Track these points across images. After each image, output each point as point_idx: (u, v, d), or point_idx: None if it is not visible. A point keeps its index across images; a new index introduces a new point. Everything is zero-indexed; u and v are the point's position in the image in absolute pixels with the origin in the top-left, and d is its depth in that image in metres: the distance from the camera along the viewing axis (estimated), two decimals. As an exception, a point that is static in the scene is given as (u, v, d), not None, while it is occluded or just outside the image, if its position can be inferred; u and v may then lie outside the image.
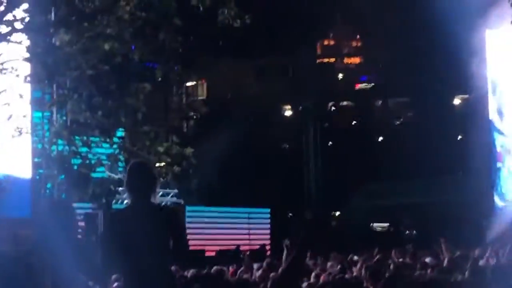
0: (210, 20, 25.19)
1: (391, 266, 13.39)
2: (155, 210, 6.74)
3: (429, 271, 12.17)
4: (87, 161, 23.50)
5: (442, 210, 31.24)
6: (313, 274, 12.04)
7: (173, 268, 6.88)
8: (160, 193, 23.70)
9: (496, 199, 28.51)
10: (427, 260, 15.36)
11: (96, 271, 7.00)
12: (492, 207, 28.23)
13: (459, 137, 34.33)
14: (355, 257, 16.51)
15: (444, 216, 31.24)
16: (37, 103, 22.24)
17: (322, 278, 11.50)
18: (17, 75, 20.32)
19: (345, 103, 43.79)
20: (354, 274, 12.43)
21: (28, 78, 20.73)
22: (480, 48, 28.22)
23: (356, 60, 46.62)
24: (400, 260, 15.66)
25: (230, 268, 14.93)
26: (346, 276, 11.83)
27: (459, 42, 26.09)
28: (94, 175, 23.54)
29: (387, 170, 34.96)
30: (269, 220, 29.14)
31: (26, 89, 21.30)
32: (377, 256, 15.12)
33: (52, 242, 6.69)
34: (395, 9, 32.41)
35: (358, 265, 13.26)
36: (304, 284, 10.86)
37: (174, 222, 6.73)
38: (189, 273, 11.09)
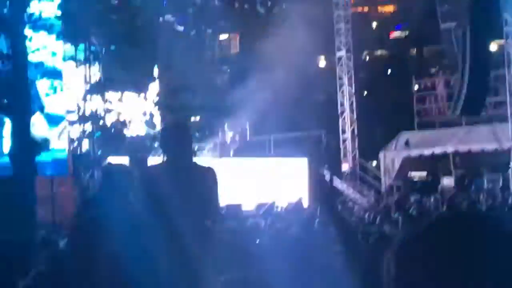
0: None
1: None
2: (190, 168, 6.68)
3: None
4: (122, 118, 23.61)
5: (480, 158, 30.97)
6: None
7: (208, 223, 6.83)
8: (196, 147, 23.74)
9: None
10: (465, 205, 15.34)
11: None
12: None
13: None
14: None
15: (481, 163, 30.97)
16: (70, 61, 22.33)
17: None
18: (50, 33, 20.36)
19: (379, 52, 43.33)
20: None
21: (61, 36, 20.78)
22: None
23: (390, 8, 45.93)
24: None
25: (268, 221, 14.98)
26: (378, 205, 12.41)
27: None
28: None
29: (424, 119, 34.66)
30: (306, 172, 29.10)
31: (59, 47, 21.37)
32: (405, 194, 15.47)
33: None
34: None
35: (390, 198, 13.56)
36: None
37: (208, 180, 6.69)
38: (225, 227, 11.13)
